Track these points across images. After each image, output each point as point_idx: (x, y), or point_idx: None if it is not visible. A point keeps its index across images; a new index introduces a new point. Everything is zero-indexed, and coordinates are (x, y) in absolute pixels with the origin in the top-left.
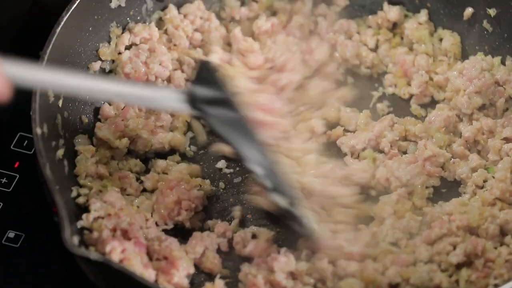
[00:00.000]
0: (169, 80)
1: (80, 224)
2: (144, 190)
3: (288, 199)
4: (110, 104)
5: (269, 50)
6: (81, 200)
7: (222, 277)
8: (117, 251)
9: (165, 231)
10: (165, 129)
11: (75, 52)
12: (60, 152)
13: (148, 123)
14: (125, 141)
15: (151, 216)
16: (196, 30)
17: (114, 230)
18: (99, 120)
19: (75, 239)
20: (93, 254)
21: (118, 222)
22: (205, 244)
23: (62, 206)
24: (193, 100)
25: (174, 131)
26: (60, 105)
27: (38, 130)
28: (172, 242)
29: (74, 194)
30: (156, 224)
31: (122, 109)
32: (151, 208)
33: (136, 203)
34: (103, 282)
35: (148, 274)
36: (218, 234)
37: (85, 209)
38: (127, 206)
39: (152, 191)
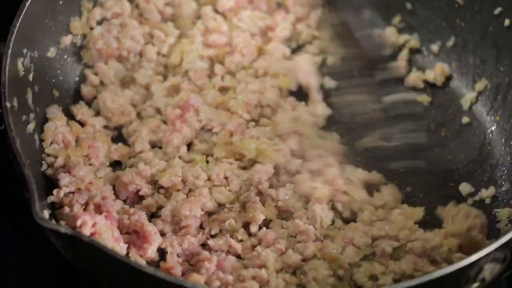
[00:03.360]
0: (141, 54)
1: (50, 199)
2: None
3: None
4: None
5: (231, 30)
6: (49, 172)
7: None
8: (88, 225)
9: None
10: None
11: (46, 26)
12: (30, 126)
13: None
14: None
15: (113, 188)
16: (167, 4)
17: (86, 204)
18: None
19: (46, 213)
20: (63, 228)
21: (90, 197)
22: None
23: (32, 181)
24: None
25: None
26: (30, 79)
27: (8, 104)
28: (141, 216)
29: (44, 167)
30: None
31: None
32: (114, 180)
33: (99, 175)
34: (73, 256)
35: (120, 248)
36: None
37: (54, 183)
38: (95, 180)
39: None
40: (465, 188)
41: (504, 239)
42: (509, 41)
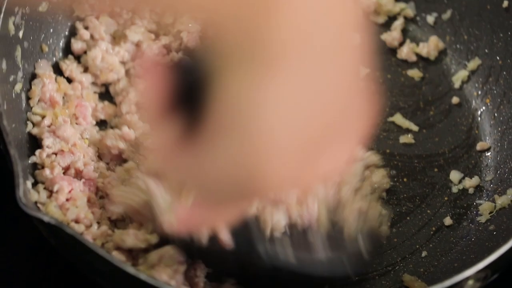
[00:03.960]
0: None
1: (32, 160)
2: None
3: None
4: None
5: None
6: (34, 131)
7: None
8: (64, 192)
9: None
10: None
11: None
12: (18, 86)
13: None
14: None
15: (97, 150)
16: None
17: (67, 168)
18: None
19: (29, 184)
20: (46, 217)
21: (73, 161)
22: None
23: (18, 162)
24: None
25: None
26: (20, 36)
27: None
28: (115, 178)
29: (29, 128)
30: (100, 158)
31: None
32: (98, 142)
33: (85, 136)
34: (56, 243)
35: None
36: None
37: (39, 144)
38: (80, 142)
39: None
40: (454, 175)
41: (486, 261)
42: (505, 22)
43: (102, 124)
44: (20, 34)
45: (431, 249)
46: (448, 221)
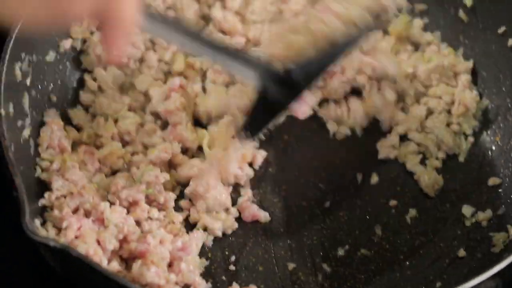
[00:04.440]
0: (141, 60)
1: (41, 202)
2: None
3: None
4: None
5: (248, 28)
6: (43, 176)
7: None
8: (73, 228)
9: None
10: None
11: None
12: (26, 132)
13: None
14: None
15: (107, 194)
16: (168, 7)
17: (76, 210)
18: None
19: (37, 222)
20: (52, 241)
21: (81, 202)
22: None
23: (23, 191)
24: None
25: None
26: (28, 83)
27: (2, 112)
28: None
29: (38, 173)
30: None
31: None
32: (108, 187)
33: (94, 180)
34: (63, 270)
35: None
36: None
37: (48, 188)
38: (89, 185)
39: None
40: (467, 210)
41: (496, 269)
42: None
43: None
44: (28, 81)
45: (445, 280)
46: (461, 253)
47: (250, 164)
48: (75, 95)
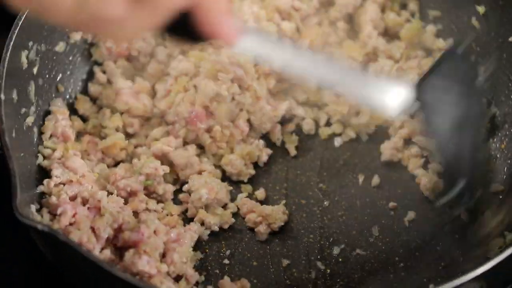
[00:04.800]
0: (151, 55)
1: (40, 189)
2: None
3: None
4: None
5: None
6: (44, 163)
7: None
8: (67, 215)
9: None
10: None
11: None
12: (30, 119)
13: None
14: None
15: (108, 184)
16: None
17: (74, 198)
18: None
19: (33, 207)
20: (40, 225)
21: (80, 191)
22: None
23: (16, 174)
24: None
25: None
26: (35, 72)
27: (2, 97)
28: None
29: (39, 160)
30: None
31: None
32: (109, 177)
33: (96, 170)
34: (52, 254)
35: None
36: None
37: (48, 176)
38: (89, 173)
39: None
40: (465, 215)
41: (479, 270)
42: None
43: None
44: (35, 70)
45: (439, 283)
46: (457, 257)
47: (255, 162)
48: (84, 86)
